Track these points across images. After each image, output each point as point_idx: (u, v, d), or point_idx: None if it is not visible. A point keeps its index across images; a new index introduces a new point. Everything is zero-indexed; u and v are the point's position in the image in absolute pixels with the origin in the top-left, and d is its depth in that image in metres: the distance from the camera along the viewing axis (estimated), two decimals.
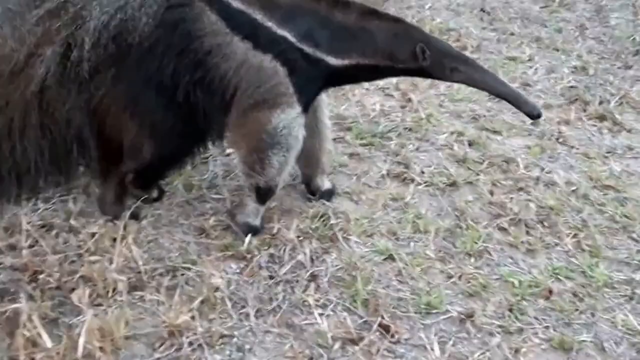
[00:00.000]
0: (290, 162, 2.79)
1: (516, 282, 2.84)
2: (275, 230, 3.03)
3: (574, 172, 3.53)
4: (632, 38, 5.14)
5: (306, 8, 2.64)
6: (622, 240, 3.07)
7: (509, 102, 2.84)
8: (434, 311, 2.71)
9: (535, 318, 2.70)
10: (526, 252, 3.03)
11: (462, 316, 2.69)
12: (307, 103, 2.71)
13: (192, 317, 2.52)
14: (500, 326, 2.64)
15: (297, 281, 2.81)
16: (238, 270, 2.85)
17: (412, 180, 3.42)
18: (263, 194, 2.86)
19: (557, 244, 3.06)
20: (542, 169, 3.55)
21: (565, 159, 3.68)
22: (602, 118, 4.07)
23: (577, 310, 2.71)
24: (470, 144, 3.74)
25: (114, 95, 2.60)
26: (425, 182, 3.41)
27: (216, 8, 2.57)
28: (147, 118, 2.68)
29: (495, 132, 3.90)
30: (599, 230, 3.11)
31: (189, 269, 2.79)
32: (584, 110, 4.15)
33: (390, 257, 2.97)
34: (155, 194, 3.05)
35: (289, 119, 2.68)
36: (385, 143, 3.72)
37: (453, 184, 3.41)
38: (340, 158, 3.55)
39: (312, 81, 2.68)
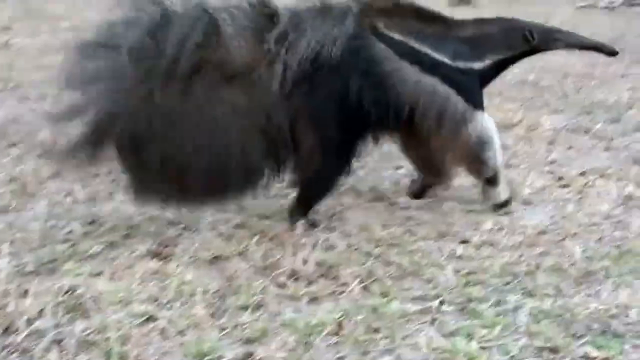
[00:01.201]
0: (498, 147, 3.75)
1: (301, 325, 2.84)
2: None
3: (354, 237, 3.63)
4: None
5: (444, 33, 3.60)
6: (413, 282, 3.12)
7: (595, 49, 4.01)
8: (206, 358, 2.61)
9: (327, 350, 2.70)
10: (309, 301, 2.99)
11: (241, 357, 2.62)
12: (481, 103, 3.63)
13: None
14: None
15: (35, 348, 2.65)
16: None
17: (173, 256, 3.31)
18: (494, 179, 3.83)
19: (342, 292, 3.04)
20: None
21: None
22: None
23: (374, 340, 2.65)
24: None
25: (303, 109, 3.38)
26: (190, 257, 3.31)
27: (383, 39, 3.45)
28: (324, 132, 3.43)
29: None
30: (387, 276, 3.15)
31: None
32: None
33: (151, 319, 2.76)
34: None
35: (479, 122, 3.61)
36: None
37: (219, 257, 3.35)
38: None
39: (474, 86, 3.62)
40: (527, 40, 3.77)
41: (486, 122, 3.68)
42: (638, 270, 3.36)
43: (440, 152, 3.78)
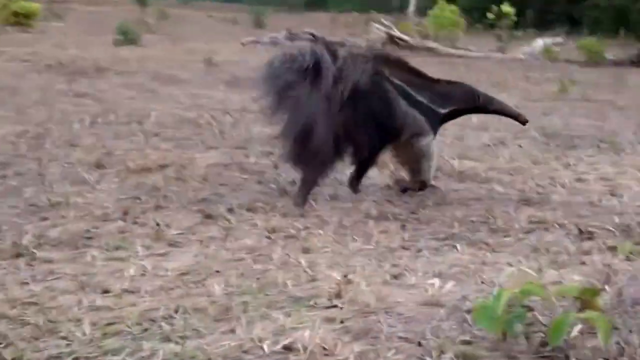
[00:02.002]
0: (432, 168, 5.34)
1: None
2: None
3: None
4: None
5: (426, 85, 5.25)
6: (49, 341, 3.01)
7: (512, 117, 5.64)
8: None
9: None
10: None
11: None
12: (436, 132, 5.27)
13: None
14: None
15: None
16: None
17: None
18: (423, 184, 5.34)
19: None
20: None
21: None
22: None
23: None
24: None
25: (348, 119, 4.99)
26: None
27: (388, 81, 5.09)
28: (365, 133, 5.07)
29: None
30: (21, 338, 3.01)
31: None
32: None
33: None
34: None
35: (428, 141, 5.21)
36: None
37: None
38: None
39: (436, 121, 5.25)
40: (475, 101, 5.43)
41: (432, 144, 5.29)
42: (276, 301, 3.50)
43: (402, 155, 5.37)
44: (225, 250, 4.15)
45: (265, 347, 3.03)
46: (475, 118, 7.79)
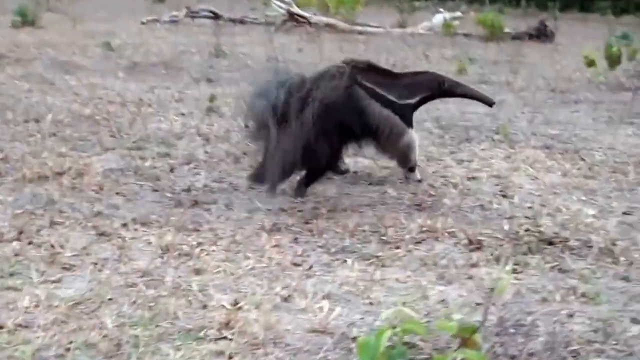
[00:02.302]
0: (417, 152, 5.97)
1: None
2: None
3: None
4: None
5: (394, 82, 5.79)
6: None
7: (479, 100, 6.29)
8: None
9: None
10: None
11: None
12: (411, 124, 5.80)
13: None
14: None
15: None
16: None
17: None
18: (413, 168, 5.97)
19: None
20: None
21: None
22: None
23: None
24: None
25: (319, 130, 5.44)
26: None
27: (361, 87, 5.61)
28: (329, 141, 5.57)
29: None
30: None
31: None
32: None
33: None
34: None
35: (409, 136, 5.76)
36: None
37: None
38: None
39: (409, 114, 5.80)
40: (440, 87, 5.96)
41: (413, 136, 5.83)
42: (168, 334, 3.54)
43: (388, 151, 5.93)
44: (119, 275, 4.15)
45: None
46: None
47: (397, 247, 4.68)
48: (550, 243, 4.74)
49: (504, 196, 5.78)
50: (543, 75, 12.40)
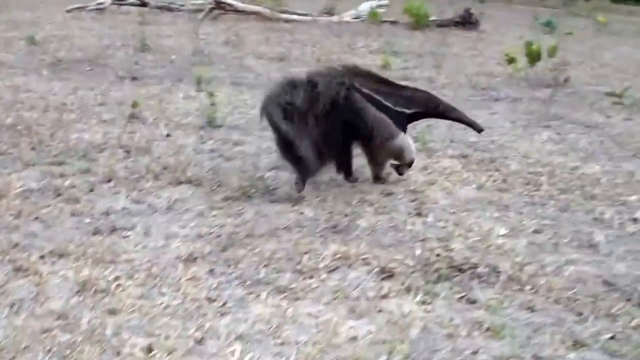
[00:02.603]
0: (413, 149, 6.58)
1: None
2: None
3: None
4: None
5: (392, 92, 6.36)
6: None
7: (468, 125, 6.82)
8: None
9: None
10: None
11: None
12: (404, 130, 6.38)
13: None
14: None
15: None
16: None
17: None
18: (410, 165, 6.59)
19: None
20: None
21: None
22: None
23: None
24: None
25: (326, 127, 6.11)
26: None
27: (358, 92, 6.17)
28: (336, 137, 6.23)
29: None
30: None
31: None
32: None
33: None
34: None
35: (402, 138, 6.35)
36: None
37: None
38: None
39: (403, 121, 6.36)
40: (435, 108, 6.57)
41: (406, 138, 6.45)
42: None
43: (385, 153, 6.46)
44: (35, 319, 4.16)
45: None
46: None
47: (311, 277, 4.79)
48: (460, 270, 4.91)
49: (418, 214, 5.93)
50: (466, 69, 12.62)
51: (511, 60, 11.75)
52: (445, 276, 4.82)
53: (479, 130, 6.78)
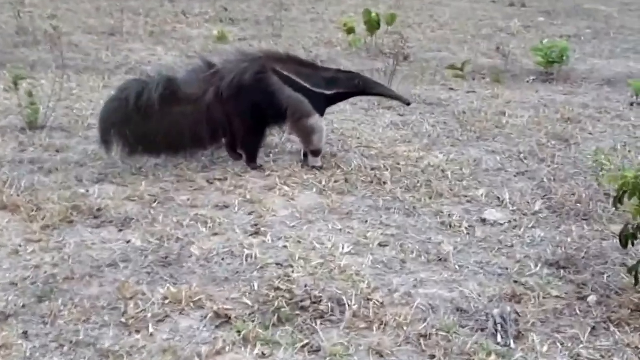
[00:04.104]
0: (323, 138, 6.71)
1: None
2: None
3: None
4: None
5: (313, 72, 6.66)
6: None
7: (396, 99, 7.14)
8: None
9: None
10: None
11: None
12: (322, 112, 6.64)
13: None
14: None
15: None
16: None
17: None
18: (316, 153, 6.72)
19: None
20: None
21: None
22: None
23: None
24: None
25: (233, 109, 6.56)
26: None
27: (276, 74, 6.46)
28: (245, 120, 6.62)
29: None
30: None
31: None
32: None
33: None
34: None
35: (315, 119, 6.58)
36: None
37: None
38: None
39: (321, 102, 6.60)
40: (357, 86, 6.66)
41: (319, 121, 6.57)
42: None
43: (297, 130, 6.67)
44: None
45: None
46: None
47: (138, 331, 4.29)
48: (302, 307, 4.52)
49: (256, 233, 5.51)
50: (305, 39, 12.23)
51: (350, 31, 11.42)
52: (287, 317, 4.41)
53: (407, 103, 7.05)
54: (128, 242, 5.31)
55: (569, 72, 10.78)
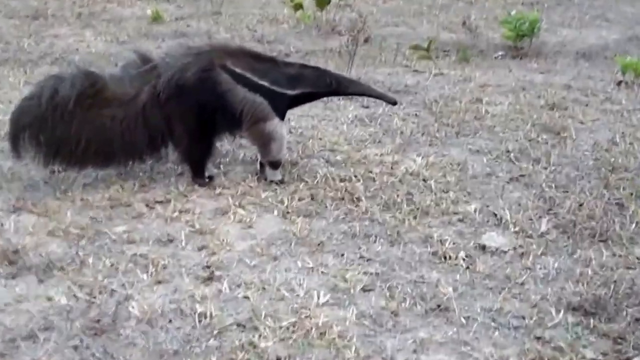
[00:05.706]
0: (283, 147, 5.65)
1: None
2: None
3: None
4: None
5: (272, 68, 5.56)
6: None
7: (379, 98, 6.11)
8: None
9: None
10: None
11: None
12: (282, 115, 5.58)
13: None
14: None
15: None
16: None
17: None
18: (276, 165, 5.66)
19: None
20: None
21: None
22: None
23: None
24: None
25: (174, 113, 5.52)
26: None
27: (226, 71, 5.42)
28: (189, 125, 5.55)
29: None
30: None
31: None
32: None
33: None
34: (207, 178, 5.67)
35: (275, 124, 5.51)
36: None
37: None
38: None
39: (281, 103, 5.55)
40: (328, 85, 5.64)
41: (279, 125, 5.54)
42: None
43: (252, 137, 5.68)
44: None
45: None
46: None
47: None
48: None
49: (210, 278, 4.47)
50: (248, 16, 11.09)
51: (297, 6, 10.31)
52: None
53: (392, 102, 6.02)
54: (49, 299, 4.22)
55: (540, 45, 9.87)
